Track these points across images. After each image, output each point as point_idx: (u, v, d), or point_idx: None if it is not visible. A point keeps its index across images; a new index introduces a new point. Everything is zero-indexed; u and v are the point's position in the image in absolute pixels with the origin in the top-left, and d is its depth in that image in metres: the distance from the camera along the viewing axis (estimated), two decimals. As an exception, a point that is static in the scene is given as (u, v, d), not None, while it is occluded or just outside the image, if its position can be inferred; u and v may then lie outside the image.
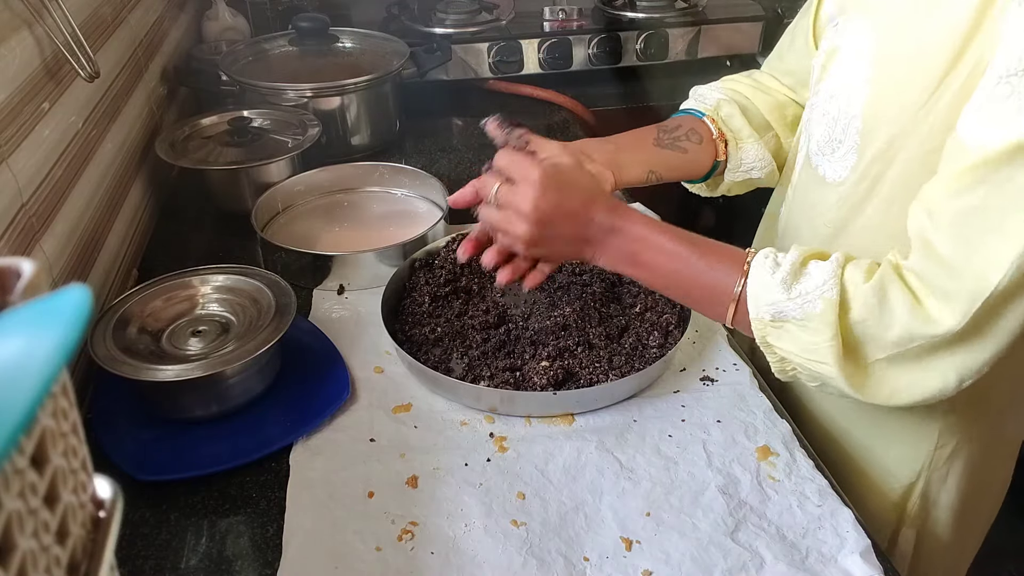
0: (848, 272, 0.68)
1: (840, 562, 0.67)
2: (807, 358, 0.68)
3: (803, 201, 0.85)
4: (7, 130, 0.76)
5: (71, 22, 0.90)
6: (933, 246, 0.64)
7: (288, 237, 1.09)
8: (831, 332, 0.66)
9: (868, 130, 0.73)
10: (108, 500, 0.34)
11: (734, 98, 0.96)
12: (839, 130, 0.77)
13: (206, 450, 0.77)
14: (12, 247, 0.74)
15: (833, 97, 0.78)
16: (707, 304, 0.75)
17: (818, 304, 0.66)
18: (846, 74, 0.76)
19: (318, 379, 0.84)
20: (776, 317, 0.69)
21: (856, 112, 0.74)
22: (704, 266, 0.73)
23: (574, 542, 0.68)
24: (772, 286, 0.69)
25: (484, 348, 0.86)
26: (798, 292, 0.68)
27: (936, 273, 0.64)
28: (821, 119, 0.80)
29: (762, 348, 0.72)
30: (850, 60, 0.76)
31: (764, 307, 0.69)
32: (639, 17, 1.65)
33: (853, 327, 0.67)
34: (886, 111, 0.71)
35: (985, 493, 0.89)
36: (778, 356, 0.71)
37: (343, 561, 0.66)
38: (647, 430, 0.79)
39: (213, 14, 1.59)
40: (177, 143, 1.18)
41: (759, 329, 0.71)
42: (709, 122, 0.95)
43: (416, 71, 1.42)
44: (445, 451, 0.77)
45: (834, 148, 0.78)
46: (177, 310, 0.85)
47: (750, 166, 0.96)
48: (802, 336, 0.68)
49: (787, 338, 0.69)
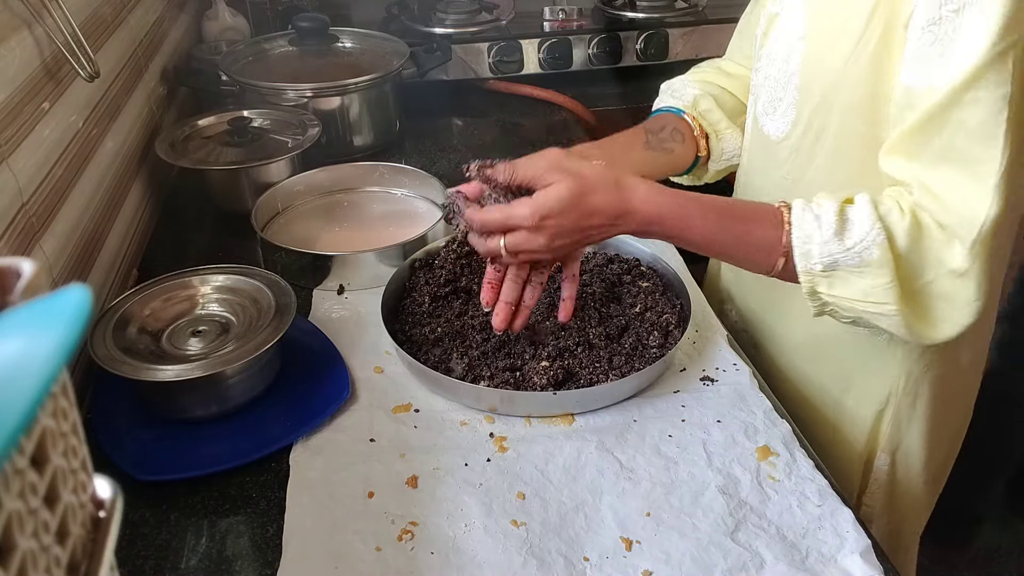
0: (882, 211, 0.71)
1: (840, 562, 0.67)
2: (866, 302, 0.71)
3: (754, 160, 0.89)
4: (7, 130, 0.76)
5: (71, 22, 0.90)
6: (928, 186, 0.70)
7: (288, 237, 1.09)
8: (890, 276, 0.70)
9: (805, 85, 0.78)
10: (108, 500, 0.34)
11: (708, 90, 1.00)
12: (779, 88, 0.82)
13: (206, 450, 0.77)
14: (12, 247, 0.74)
15: (773, 59, 0.83)
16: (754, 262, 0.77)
17: (874, 251, 0.70)
18: (784, 35, 0.81)
19: (318, 379, 0.84)
20: (829, 267, 0.71)
21: (794, 69, 0.79)
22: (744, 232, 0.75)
23: (574, 542, 0.68)
24: (824, 239, 0.71)
25: (484, 348, 0.85)
26: (852, 241, 0.70)
27: (938, 211, 0.70)
28: (764, 82, 0.85)
29: (808, 299, 0.74)
30: (787, 22, 0.81)
31: (816, 260, 0.72)
32: (639, 17, 1.65)
33: (901, 259, 0.70)
34: (819, 65, 0.76)
35: (950, 421, 0.95)
36: (823, 302, 0.74)
37: (343, 561, 0.66)
38: (647, 430, 0.79)
39: (213, 14, 1.59)
40: (177, 143, 1.18)
41: (808, 280, 0.73)
42: (689, 119, 0.98)
43: (416, 71, 1.42)
44: (445, 451, 0.77)
45: (775, 107, 0.83)
46: (177, 310, 0.85)
47: (732, 154, 1.00)
48: (859, 282, 0.71)
49: (840, 285, 0.72)
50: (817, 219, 0.72)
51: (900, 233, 0.70)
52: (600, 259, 0.99)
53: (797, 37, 0.79)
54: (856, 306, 0.72)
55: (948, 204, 0.69)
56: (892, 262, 0.70)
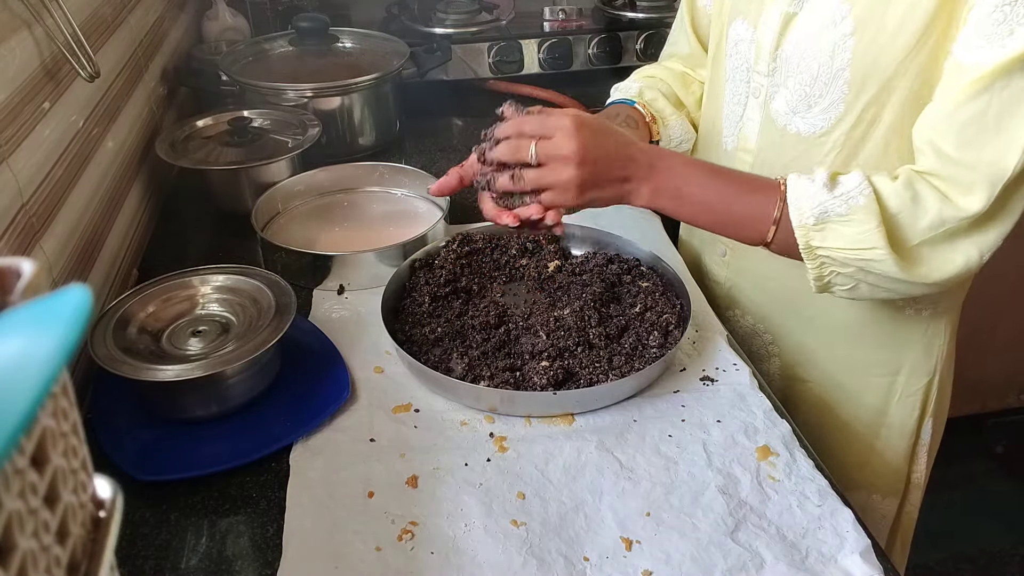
0: (874, 178, 0.76)
1: (840, 562, 0.67)
2: (855, 248, 0.75)
3: (776, 160, 0.90)
4: (7, 130, 0.76)
5: (71, 22, 0.90)
6: (943, 151, 0.73)
7: (288, 237, 1.09)
8: (877, 220, 0.74)
9: (858, 81, 0.80)
10: (108, 500, 0.34)
11: (653, 84, 1.05)
12: (819, 86, 0.82)
13: (206, 450, 0.77)
14: (12, 247, 0.74)
15: (802, 57, 0.83)
16: (748, 228, 0.80)
17: (860, 199, 0.74)
18: (818, 33, 0.81)
19: (318, 379, 0.84)
20: (820, 218, 0.75)
21: (843, 66, 0.80)
22: (742, 193, 0.80)
23: (574, 542, 0.68)
24: (814, 191, 0.76)
25: (484, 348, 0.85)
26: (840, 191, 0.75)
27: (951, 171, 0.73)
28: (785, 82, 0.86)
29: (805, 257, 0.77)
30: (820, 20, 0.81)
31: (808, 211, 0.76)
32: (639, 17, 1.65)
33: (891, 219, 0.74)
34: (877, 61, 0.78)
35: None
36: (820, 260, 0.77)
37: (343, 561, 0.66)
38: (647, 430, 0.79)
39: (213, 14, 1.59)
40: (177, 143, 1.18)
41: (803, 235, 0.76)
42: (640, 107, 1.02)
43: (416, 71, 1.42)
44: (445, 451, 0.77)
45: (810, 104, 0.84)
46: (177, 310, 0.85)
47: (679, 140, 1.04)
48: (847, 230, 0.75)
49: (832, 235, 0.75)
50: (811, 180, 0.77)
51: (888, 191, 0.74)
52: (600, 259, 0.99)
53: (844, 35, 0.79)
54: (848, 255, 0.75)
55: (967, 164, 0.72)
56: (879, 212, 0.74)
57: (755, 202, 0.79)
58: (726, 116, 0.95)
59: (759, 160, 0.92)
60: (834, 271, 0.77)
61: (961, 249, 0.75)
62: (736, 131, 0.94)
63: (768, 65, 0.87)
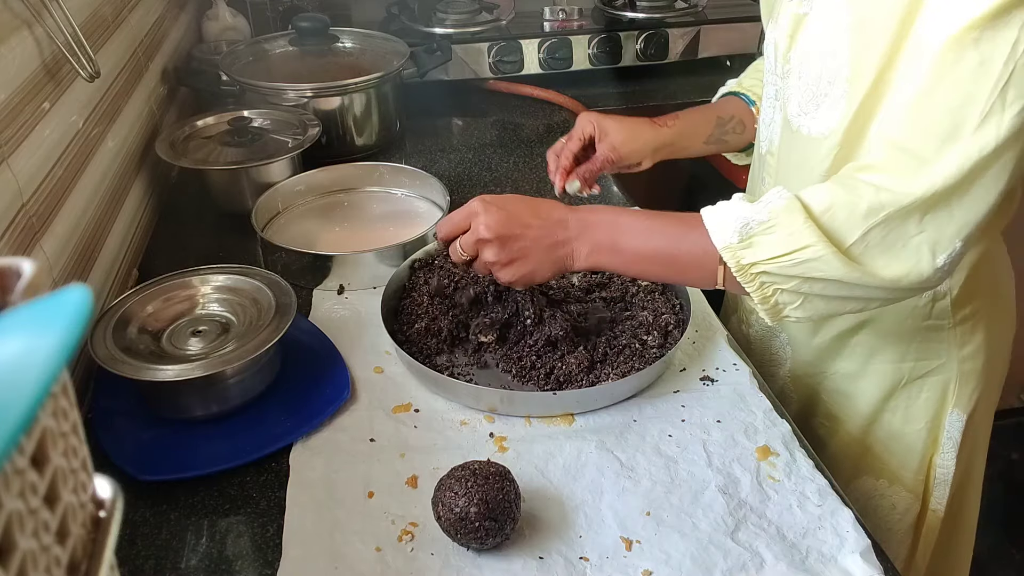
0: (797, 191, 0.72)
1: (840, 562, 0.67)
2: (788, 252, 0.69)
3: (788, 163, 0.89)
4: (7, 130, 0.76)
5: (71, 22, 0.90)
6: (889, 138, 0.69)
7: (288, 237, 1.09)
8: (802, 216, 0.69)
9: (855, 74, 0.77)
10: (108, 500, 0.34)
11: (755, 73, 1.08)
12: (824, 85, 0.80)
13: (206, 450, 0.77)
14: (12, 247, 0.74)
15: (809, 57, 0.82)
16: (694, 271, 0.76)
17: (779, 201, 0.71)
18: (822, 31, 0.80)
19: (318, 379, 0.84)
20: (743, 233, 0.71)
21: (843, 61, 0.78)
22: (682, 233, 0.76)
23: (574, 542, 0.68)
24: (731, 207, 0.73)
25: (484, 348, 0.85)
26: (760, 204, 0.72)
27: (895, 157, 0.68)
28: (797, 83, 0.84)
29: (742, 282, 0.72)
30: (824, 19, 0.80)
31: (730, 228, 0.71)
32: (639, 17, 1.65)
33: (822, 217, 0.69)
34: (869, 51, 0.75)
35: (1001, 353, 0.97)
36: (759, 281, 0.71)
37: (343, 561, 0.66)
38: (647, 430, 0.79)
39: (213, 14, 1.59)
40: (177, 143, 1.18)
41: (731, 256, 0.71)
42: (756, 112, 1.03)
43: (416, 71, 1.42)
44: (445, 451, 0.77)
45: (818, 104, 0.82)
46: (177, 310, 0.85)
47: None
48: (773, 236, 0.70)
49: (762, 247, 0.70)
50: (725, 203, 0.74)
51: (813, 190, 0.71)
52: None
53: (843, 29, 0.78)
54: (783, 263, 0.69)
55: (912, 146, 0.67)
56: (802, 208, 0.69)
57: (696, 240, 0.74)
58: (762, 120, 0.95)
59: (779, 162, 0.91)
60: (777, 288, 0.71)
61: (911, 246, 0.69)
62: (768, 134, 0.93)
63: (782, 67, 0.87)
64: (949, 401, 0.92)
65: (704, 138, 1.04)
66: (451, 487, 0.66)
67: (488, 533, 0.64)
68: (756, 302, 0.73)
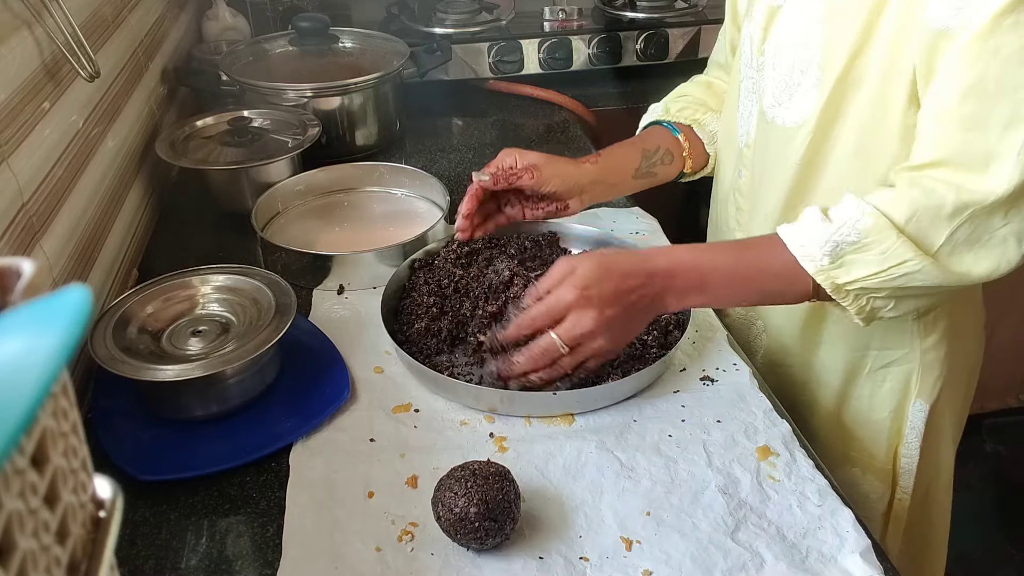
0: (868, 196, 0.72)
1: (840, 562, 0.67)
2: (887, 267, 0.71)
3: (765, 155, 0.90)
4: (7, 130, 0.76)
5: (71, 22, 0.90)
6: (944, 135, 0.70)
7: (288, 237, 1.09)
8: (895, 232, 0.70)
9: (827, 60, 0.78)
10: (108, 500, 0.34)
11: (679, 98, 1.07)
12: (796, 74, 0.82)
13: (206, 450, 0.77)
14: (12, 247, 0.74)
15: (782, 49, 0.83)
16: (784, 296, 0.79)
17: (866, 219, 0.71)
18: (796, 23, 0.82)
19: (318, 379, 0.84)
20: (834, 255, 0.72)
21: (815, 50, 0.80)
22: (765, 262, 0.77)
23: (574, 542, 0.68)
24: (813, 230, 0.73)
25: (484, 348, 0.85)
26: (841, 220, 0.72)
27: (957, 154, 0.69)
28: (772, 74, 0.86)
29: (837, 298, 0.74)
30: (798, 10, 0.82)
31: (818, 252, 0.73)
32: (639, 17, 1.65)
33: (907, 228, 0.70)
34: (841, 39, 0.77)
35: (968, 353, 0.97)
36: (854, 295, 0.73)
37: (343, 561, 0.66)
38: (647, 430, 0.79)
39: (213, 14, 1.59)
40: (177, 143, 1.18)
41: (825, 279, 0.73)
42: (682, 140, 1.03)
43: (416, 71, 1.42)
44: (445, 451, 0.77)
45: (791, 93, 0.83)
46: (177, 310, 0.85)
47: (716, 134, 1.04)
48: (869, 255, 0.71)
49: (856, 266, 0.72)
50: (801, 222, 0.75)
51: (891, 200, 0.71)
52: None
53: (815, 20, 0.79)
54: (882, 279, 0.71)
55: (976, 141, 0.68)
56: (890, 225, 0.70)
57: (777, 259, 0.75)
58: (740, 115, 0.96)
59: (754, 154, 0.93)
60: (871, 298, 0.74)
61: (997, 239, 0.70)
62: (746, 127, 0.94)
63: (757, 60, 0.88)
64: (912, 391, 0.92)
65: (632, 172, 1.00)
66: (451, 487, 0.66)
67: (488, 533, 0.64)
68: (852, 312, 0.75)
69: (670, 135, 1.04)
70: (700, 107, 1.05)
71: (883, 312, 0.75)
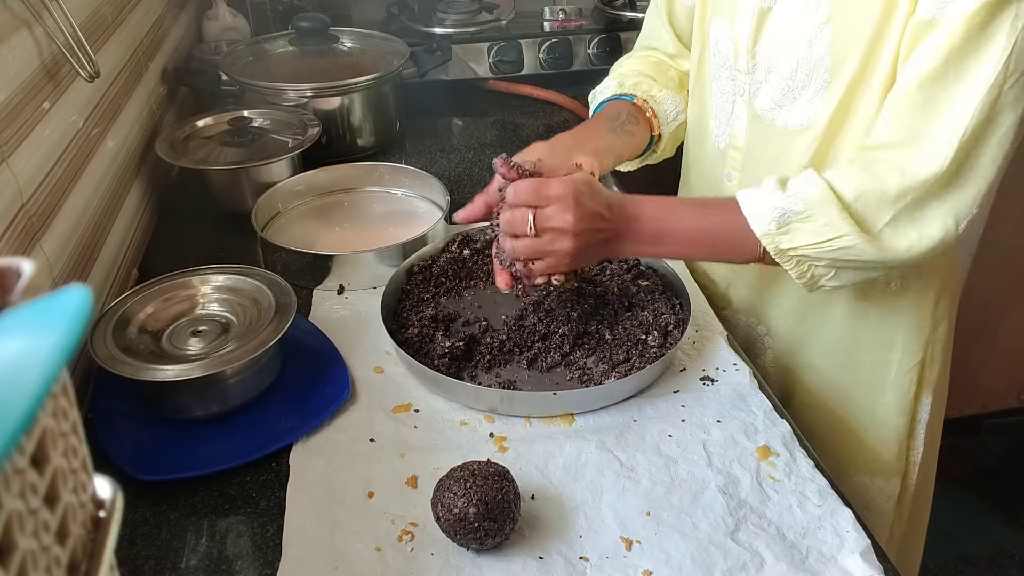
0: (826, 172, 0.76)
1: (840, 562, 0.67)
2: (825, 239, 0.75)
3: (762, 156, 0.91)
4: (7, 130, 0.76)
5: (71, 22, 0.90)
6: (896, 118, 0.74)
7: (288, 237, 1.09)
8: (837, 207, 0.74)
9: (836, 66, 0.80)
10: (108, 500, 0.34)
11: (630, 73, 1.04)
12: (800, 77, 0.83)
13: (206, 450, 0.77)
14: (12, 247, 0.74)
15: (781, 51, 0.84)
16: (736, 249, 0.81)
17: (813, 191, 0.75)
18: (795, 25, 0.82)
19: (318, 379, 0.84)
20: (781, 221, 0.76)
21: (823, 53, 0.80)
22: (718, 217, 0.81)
23: (574, 542, 0.68)
24: (765, 196, 0.77)
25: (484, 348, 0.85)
26: (791, 190, 0.76)
27: (903, 137, 0.73)
28: (767, 76, 0.86)
29: (780, 261, 0.78)
30: (794, 12, 0.82)
31: (767, 216, 0.77)
32: (639, 17, 1.65)
33: (853, 205, 0.75)
34: (852, 43, 0.78)
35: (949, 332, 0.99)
36: (796, 260, 0.78)
37: (343, 561, 0.66)
38: (647, 430, 0.79)
39: (213, 14, 1.59)
40: (177, 143, 1.18)
41: (771, 242, 0.77)
42: (639, 102, 1.00)
43: (416, 71, 1.42)
44: (445, 451, 0.77)
45: (795, 97, 0.84)
46: (177, 310, 0.85)
47: (675, 112, 1.02)
48: (810, 225, 0.75)
49: (799, 234, 0.76)
50: (761, 189, 0.78)
51: (842, 178, 0.75)
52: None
53: (820, 22, 0.80)
54: (820, 249, 0.76)
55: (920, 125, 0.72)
56: (836, 199, 0.74)
57: (732, 222, 0.79)
58: (715, 115, 0.95)
59: (747, 156, 0.92)
60: (812, 266, 0.78)
61: (937, 219, 0.74)
62: (727, 129, 0.94)
63: (747, 63, 0.88)
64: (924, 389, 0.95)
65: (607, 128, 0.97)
66: (450, 487, 0.66)
67: (487, 533, 0.64)
68: (793, 276, 0.80)
69: (627, 103, 1.01)
70: (653, 83, 1.03)
71: (824, 281, 0.79)
